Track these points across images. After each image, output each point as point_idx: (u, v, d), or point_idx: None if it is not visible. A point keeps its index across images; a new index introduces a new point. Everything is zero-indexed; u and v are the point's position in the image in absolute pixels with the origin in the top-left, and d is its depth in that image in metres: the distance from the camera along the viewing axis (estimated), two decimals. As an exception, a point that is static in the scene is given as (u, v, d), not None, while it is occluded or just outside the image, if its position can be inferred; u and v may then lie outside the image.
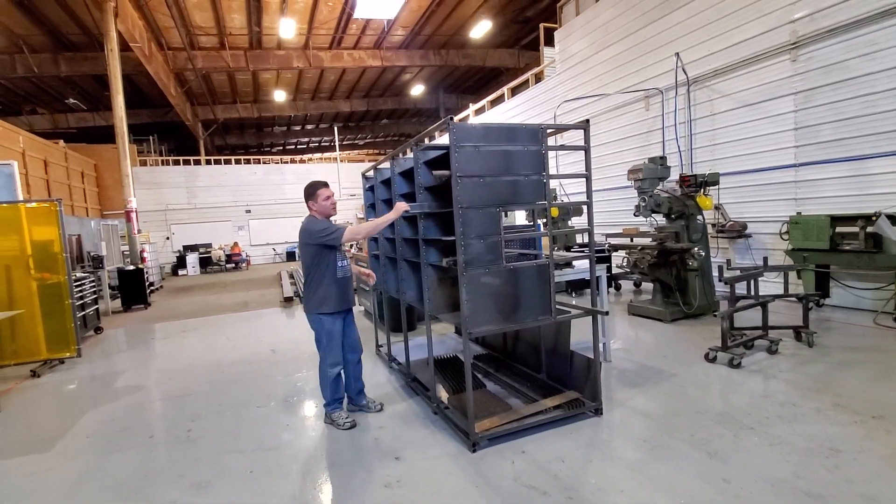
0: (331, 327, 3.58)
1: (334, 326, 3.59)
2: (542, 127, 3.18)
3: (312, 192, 3.58)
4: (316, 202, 3.56)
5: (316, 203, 3.56)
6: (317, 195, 3.55)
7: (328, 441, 3.47)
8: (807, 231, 6.19)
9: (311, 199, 3.58)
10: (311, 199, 3.58)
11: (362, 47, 17.33)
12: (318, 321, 3.59)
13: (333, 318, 3.58)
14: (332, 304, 3.56)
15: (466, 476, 2.83)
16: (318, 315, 3.57)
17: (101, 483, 3.08)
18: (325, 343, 3.60)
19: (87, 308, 7.55)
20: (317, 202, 3.56)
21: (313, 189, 3.59)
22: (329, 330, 3.58)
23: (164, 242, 21.06)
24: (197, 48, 15.98)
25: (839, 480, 2.52)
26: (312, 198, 3.57)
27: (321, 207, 3.57)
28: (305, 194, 3.61)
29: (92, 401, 4.72)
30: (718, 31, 7.67)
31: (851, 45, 5.95)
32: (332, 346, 3.60)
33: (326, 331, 3.57)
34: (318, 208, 3.57)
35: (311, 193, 3.58)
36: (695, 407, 3.61)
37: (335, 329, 3.60)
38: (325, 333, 3.58)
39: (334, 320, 3.59)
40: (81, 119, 20.29)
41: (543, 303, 3.28)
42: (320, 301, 3.56)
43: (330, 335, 3.59)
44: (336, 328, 3.60)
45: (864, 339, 4.96)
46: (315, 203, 3.57)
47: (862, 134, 5.96)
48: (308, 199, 3.60)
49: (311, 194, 3.58)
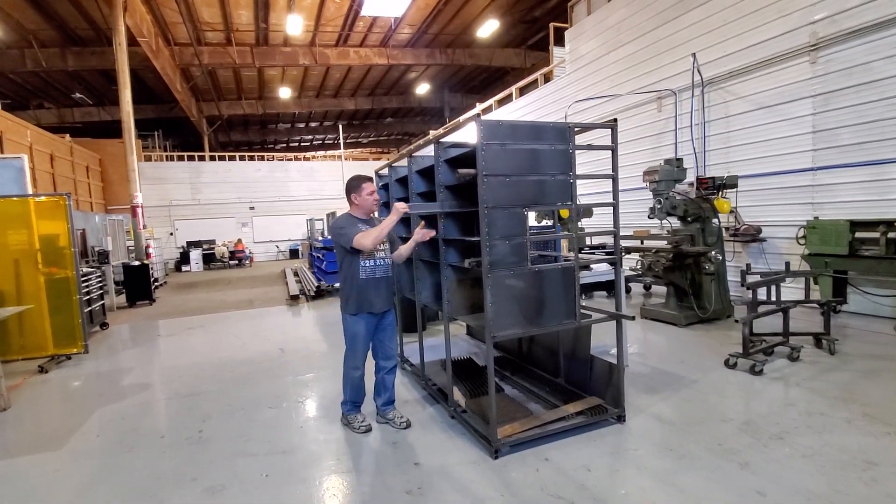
0: (354, 328, 3.43)
1: (357, 328, 3.42)
2: (570, 125, 3.09)
3: (357, 185, 3.43)
4: (359, 195, 3.41)
5: (359, 196, 3.42)
6: (361, 188, 3.41)
7: (344, 445, 3.38)
8: (825, 236, 6.09)
9: (353, 192, 3.43)
10: (355, 192, 3.43)
11: (368, 45, 17.24)
12: (343, 320, 3.48)
13: (358, 319, 3.42)
14: (353, 305, 3.41)
15: (490, 484, 2.75)
16: (344, 314, 3.47)
17: (114, 485, 3.00)
18: (348, 345, 3.48)
19: (93, 304, 7.47)
20: (360, 195, 3.41)
21: (358, 182, 3.44)
22: (353, 332, 3.43)
23: (168, 238, 21.01)
24: (203, 44, 15.90)
25: (879, 495, 2.43)
26: (356, 191, 3.42)
27: (363, 202, 3.43)
28: (348, 187, 3.46)
29: (101, 398, 4.64)
30: (735, 32, 7.57)
31: (875, 46, 5.85)
32: (354, 348, 3.46)
33: (350, 332, 3.44)
34: (360, 202, 3.43)
35: (356, 186, 3.43)
36: (719, 415, 3.52)
37: (359, 331, 3.43)
38: (349, 334, 3.45)
39: (359, 321, 3.42)
40: (87, 114, 20.23)
41: (568, 307, 3.19)
42: (345, 300, 3.46)
43: (353, 337, 3.44)
44: (360, 330, 3.43)
45: (886, 348, 4.86)
46: (358, 196, 3.42)
47: (884, 138, 5.86)
48: (350, 193, 3.44)
49: (354, 187, 3.43)
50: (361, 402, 3.64)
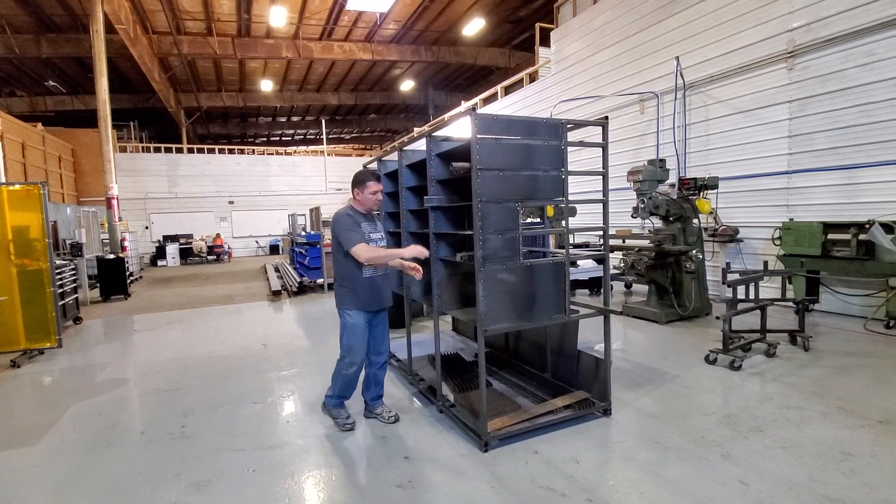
0: (354, 322, 3.34)
1: (358, 322, 3.35)
2: (563, 122, 3.13)
3: (362, 181, 3.38)
4: (362, 192, 3.37)
5: (362, 193, 3.37)
6: (366, 185, 3.36)
7: (332, 439, 3.35)
8: (799, 237, 6.29)
9: (357, 187, 3.39)
10: (358, 188, 3.38)
11: (353, 40, 17.09)
12: (342, 315, 3.40)
13: (359, 315, 3.35)
14: (356, 301, 3.34)
15: (481, 477, 2.76)
16: (344, 311, 3.38)
17: (94, 482, 2.91)
18: (346, 341, 3.37)
19: (66, 297, 7.23)
20: (363, 193, 3.37)
21: (364, 178, 3.39)
22: (352, 325, 3.34)
23: (144, 232, 20.47)
24: (183, 33, 15.53)
25: (857, 485, 2.53)
26: (360, 186, 3.37)
27: (364, 199, 3.39)
28: (354, 181, 3.41)
29: (77, 393, 4.49)
30: (715, 38, 7.75)
31: (850, 54, 6.06)
32: (353, 343, 3.34)
33: (348, 326, 3.35)
34: (362, 199, 3.39)
35: (361, 182, 3.38)
36: (701, 408, 3.61)
37: (358, 324, 3.35)
38: (347, 329, 3.35)
39: (360, 317, 3.35)
40: (60, 102, 19.55)
41: (558, 301, 3.23)
42: (344, 297, 3.37)
43: (352, 332, 3.34)
44: (360, 324, 3.35)
45: (856, 345, 5.06)
46: (361, 193, 3.38)
47: (856, 143, 6.09)
48: (355, 187, 3.40)
49: (359, 182, 3.38)
50: (349, 398, 3.59)
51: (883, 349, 4.90)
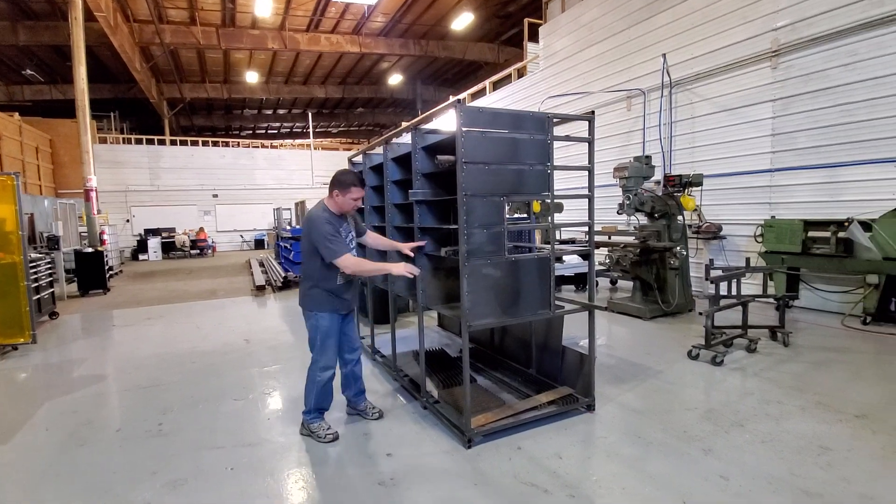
0: (328, 326, 3.18)
1: (332, 325, 3.22)
2: (550, 115, 3.10)
3: (346, 183, 3.07)
4: (342, 195, 3.08)
5: (342, 196, 3.08)
6: (348, 190, 3.07)
7: (315, 439, 3.30)
8: (780, 234, 6.38)
9: (339, 189, 3.07)
10: (339, 189, 3.07)
11: (340, 32, 16.87)
12: (313, 318, 3.19)
13: (332, 317, 3.22)
14: (330, 307, 3.22)
15: (464, 473, 2.74)
16: (315, 313, 3.21)
17: (66, 481, 2.83)
18: (319, 344, 3.20)
19: (41, 291, 7.03)
20: (343, 196, 3.08)
21: (348, 181, 3.08)
22: (326, 328, 3.18)
23: (124, 225, 20.05)
24: (165, 22, 15.17)
25: (835, 479, 2.56)
26: (342, 189, 3.07)
27: (343, 202, 3.11)
28: (336, 180, 3.09)
29: (51, 390, 4.37)
30: (702, 36, 7.79)
31: (832, 54, 6.14)
32: (326, 347, 3.20)
33: (322, 329, 3.17)
34: (340, 202, 3.10)
35: (344, 184, 3.07)
36: (683, 404, 3.63)
37: (332, 328, 3.20)
38: (321, 333, 3.18)
39: (332, 318, 3.23)
40: (38, 92, 19.01)
41: (543, 297, 3.21)
42: (317, 300, 3.20)
43: (326, 334, 3.19)
44: (334, 327, 3.24)
45: (834, 340, 5.15)
46: (341, 195, 3.08)
47: (837, 142, 6.18)
48: (335, 187, 3.09)
49: (342, 184, 3.07)
50: (328, 408, 3.35)
51: (860, 345, 5.00)
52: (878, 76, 5.75)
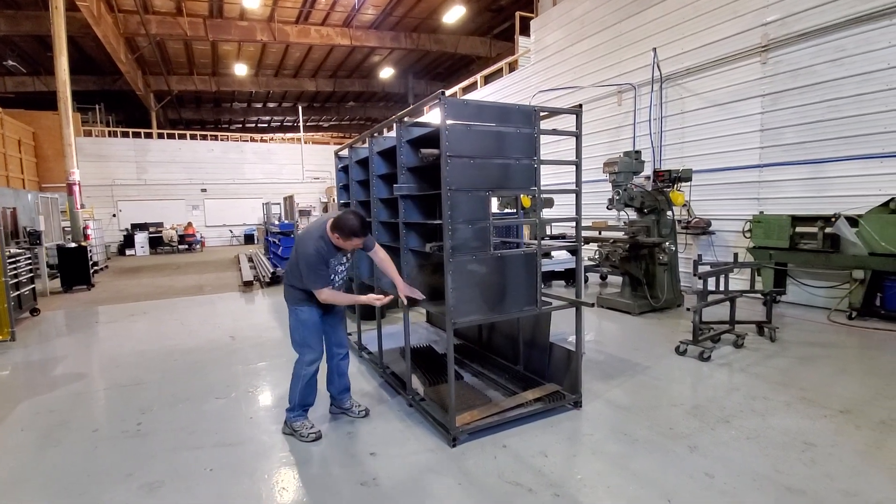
0: (309, 318, 3.16)
1: (312, 317, 3.17)
2: (536, 108, 3.05)
3: (346, 231, 2.96)
4: (343, 241, 3.00)
5: (342, 241, 3.00)
6: (349, 239, 2.99)
7: (297, 438, 3.24)
8: (768, 230, 6.39)
9: (339, 233, 2.98)
10: (340, 234, 2.98)
11: (331, 24, 16.66)
12: (297, 312, 3.17)
13: (312, 309, 3.17)
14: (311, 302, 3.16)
15: (449, 473, 2.70)
16: (296, 307, 3.17)
17: (39, 482, 2.75)
18: (302, 336, 3.17)
19: (21, 287, 6.88)
20: (343, 241, 3.00)
21: (348, 228, 2.96)
22: (307, 322, 3.15)
23: (110, 220, 19.76)
24: (151, 12, 14.88)
25: (818, 475, 2.55)
26: (343, 235, 2.97)
27: (342, 244, 3.03)
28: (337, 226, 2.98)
29: (27, 389, 4.27)
30: (692, 30, 7.77)
31: (820, 50, 6.13)
32: (310, 337, 3.16)
33: (303, 321, 3.15)
34: (340, 243, 3.03)
35: (344, 231, 2.96)
36: (670, 400, 3.62)
37: (314, 320, 3.19)
38: (302, 324, 3.15)
39: (312, 310, 3.17)
40: (20, 83, 18.60)
41: (529, 293, 3.17)
42: (298, 298, 3.16)
43: (312, 326, 3.16)
44: (315, 318, 3.19)
45: (820, 335, 5.17)
46: (341, 240, 3.00)
47: (824, 138, 6.19)
48: (337, 230, 2.98)
49: (342, 230, 2.97)
50: (312, 404, 3.31)
51: (845, 340, 5.03)
52: (865, 72, 5.75)
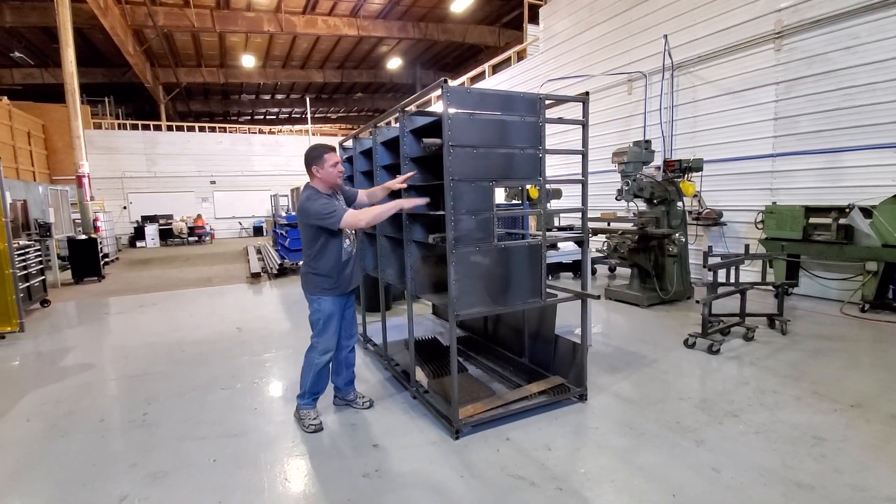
0: (331, 310, 3.16)
1: (335, 309, 3.17)
2: (541, 97, 2.98)
3: (318, 155, 3.05)
4: (321, 167, 3.04)
5: (321, 169, 3.05)
6: (323, 159, 3.03)
7: (300, 427, 3.24)
8: (781, 221, 6.26)
9: (315, 164, 3.05)
10: (316, 164, 3.05)
11: (338, 14, 16.56)
12: (317, 302, 3.16)
13: (335, 300, 3.18)
14: (332, 286, 3.16)
15: (451, 465, 2.68)
16: (317, 297, 3.16)
17: (44, 473, 2.78)
18: (322, 327, 3.17)
19: (31, 279, 6.97)
20: (322, 167, 3.04)
21: (319, 152, 3.06)
22: (329, 313, 3.15)
23: (121, 212, 19.94)
24: (158, 3, 14.88)
25: (827, 470, 2.50)
26: (318, 162, 3.04)
27: (326, 175, 3.06)
28: (308, 159, 3.08)
29: (35, 380, 4.32)
30: (704, 17, 7.58)
31: (834, 37, 5.95)
32: (327, 330, 3.17)
33: (326, 313, 3.15)
34: (323, 175, 3.06)
35: (317, 157, 3.04)
36: (678, 393, 3.57)
37: (335, 312, 3.18)
38: (325, 316, 3.15)
39: (335, 302, 3.18)
40: (28, 75, 18.75)
41: (534, 285, 3.12)
42: (319, 283, 3.16)
43: (329, 318, 3.16)
44: (337, 311, 3.20)
45: (832, 328, 5.07)
46: (320, 169, 3.05)
47: (839, 127, 6.02)
48: (311, 165, 3.06)
49: (316, 158, 3.05)
50: (322, 392, 3.31)
51: (858, 333, 4.92)
52: (879, 60, 5.58)
